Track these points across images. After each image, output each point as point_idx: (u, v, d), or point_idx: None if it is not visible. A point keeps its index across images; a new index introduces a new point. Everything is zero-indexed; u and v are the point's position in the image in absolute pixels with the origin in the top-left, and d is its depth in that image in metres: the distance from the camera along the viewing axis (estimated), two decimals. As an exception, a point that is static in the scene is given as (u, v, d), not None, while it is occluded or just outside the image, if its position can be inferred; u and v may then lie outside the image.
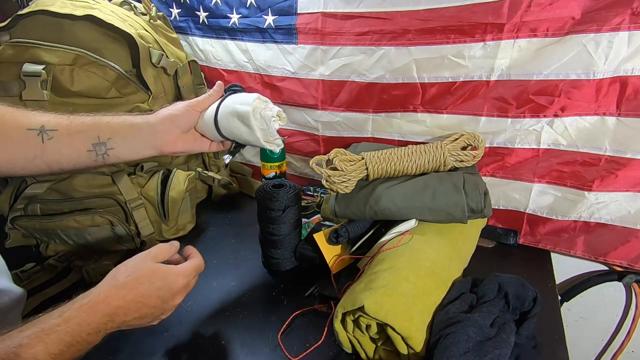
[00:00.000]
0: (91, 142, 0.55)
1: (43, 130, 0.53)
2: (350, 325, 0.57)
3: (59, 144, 0.54)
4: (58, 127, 0.54)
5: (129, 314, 0.46)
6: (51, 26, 0.71)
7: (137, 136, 0.57)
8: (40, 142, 0.53)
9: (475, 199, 0.67)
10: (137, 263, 0.49)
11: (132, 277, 0.47)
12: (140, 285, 0.47)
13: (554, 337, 0.63)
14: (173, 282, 0.51)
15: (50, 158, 0.54)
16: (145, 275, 0.48)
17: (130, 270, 0.48)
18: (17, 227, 0.79)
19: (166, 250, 0.54)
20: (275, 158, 0.95)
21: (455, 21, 0.73)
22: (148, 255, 0.51)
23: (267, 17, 0.89)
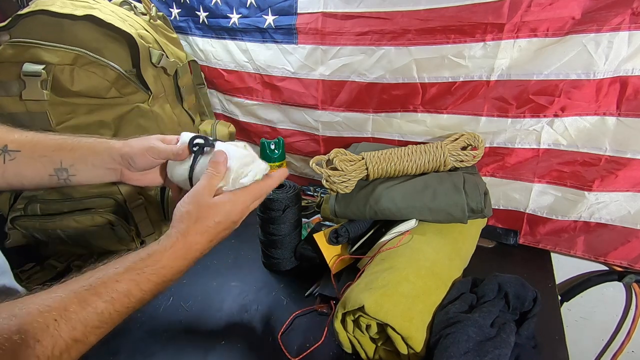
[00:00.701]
0: (53, 167, 0.55)
1: (5, 151, 0.53)
2: (350, 325, 0.57)
3: (20, 166, 0.54)
4: (21, 148, 0.54)
5: (206, 250, 0.51)
6: (51, 26, 0.71)
7: (99, 164, 0.57)
8: (1, 162, 0.53)
9: (475, 199, 0.67)
10: (197, 206, 0.50)
11: (198, 222, 0.50)
12: (207, 227, 0.50)
13: (554, 337, 0.63)
14: (232, 211, 0.52)
15: (12, 178, 0.54)
16: (209, 216, 0.50)
17: (194, 217, 0.49)
18: (17, 227, 0.79)
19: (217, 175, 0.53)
20: (276, 158, 0.95)
21: (455, 21, 0.73)
22: (204, 192, 0.51)
23: (267, 17, 0.89)
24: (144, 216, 0.83)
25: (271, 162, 0.96)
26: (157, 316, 0.68)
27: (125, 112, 0.78)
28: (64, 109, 0.73)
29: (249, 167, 0.55)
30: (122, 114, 0.78)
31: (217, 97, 1.08)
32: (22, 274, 0.75)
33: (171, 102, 0.88)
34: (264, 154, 0.95)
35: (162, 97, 0.84)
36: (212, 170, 0.52)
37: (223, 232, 0.52)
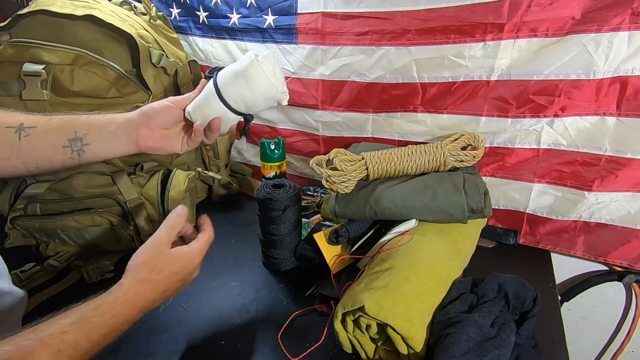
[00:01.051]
0: (67, 137, 0.54)
1: (21, 128, 0.53)
2: (350, 325, 0.57)
3: (35, 141, 0.53)
4: (37, 124, 0.54)
5: (156, 302, 0.50)
6: (51, 26, 0.71)
7: (114, 130, 0.56)
8: (17, 139, 0.53)
9: (475, 199, 0.67)
10: (154, 256, 0.51)
11: (154, 272, 0.50)
12: (162, 278, 0.50)
13: (554, 337, 0.63)
14: (189, 264, 0.53)
15: (26, 156, 0.54)
16: (165, 267, 0.51)
17: (150, 266, 0.50)
18: (17, 227, 0.79)
19: (176, 227, 0.55)
20: (275, 158, 0.95)
21: (455, 21, 0.73)
22: (161, 243, 0.52)
23: (267, 17, 0.89)
24: (144, 216, 0.83)
25: (271, 162, 0.96)
26: (157, 316, 0.68)
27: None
28: (64, 109, 0.73)
29: None
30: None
31: (217, 97, 1.08)
32: (22, 274, 0.75)
33: (171, 102, 0.87)
34: (264, 154, 0.95)
35: (162, 97, 0.84)
36: (172, 221, 0.54)
37: (178, 284, 0.52)
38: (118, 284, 0.48)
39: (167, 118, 0.59)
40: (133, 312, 0.47)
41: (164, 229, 0.53)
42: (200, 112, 0.58)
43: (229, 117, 0.59)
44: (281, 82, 0.58)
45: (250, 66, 0.55)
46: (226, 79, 0.56)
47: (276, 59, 0.58)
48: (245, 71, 0.55)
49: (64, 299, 0.73)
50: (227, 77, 0.56)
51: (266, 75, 0.55)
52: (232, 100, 0.57)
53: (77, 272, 0.78)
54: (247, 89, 0.56)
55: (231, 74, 0.56)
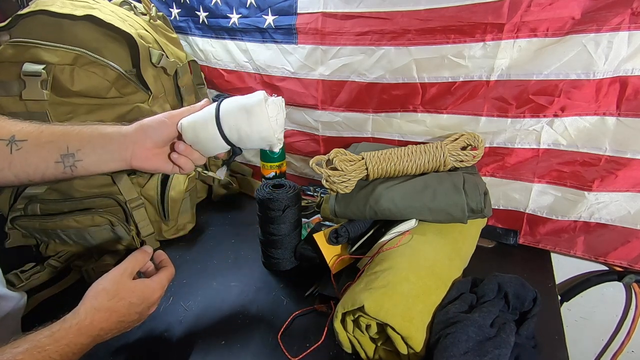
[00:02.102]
0: (59, 152, 0.53)
1: (13, 141, 0.52)
2: (350, 325, 0.57)
3: (27, 154, 0.52)
4: (28, 137, 0.52)
5: (111, 332, 0.51)
6: (51, 26, 0.71)
7: (107, 147, 0.54)
8: (8, 152, 0.52)
9: (475, 199, 0.67)
10: (115, 284, 0.52)
11: (113, 300, 0.50)
12: (121, 307, 0.51)
13: (554, 337, 0.63)
14: (149, 296, 0.54)
15: (18, 169, 0.53)
16: (125, 297, 0.51)
17: (110, 294, 0.50)
18: (17, 227, 0.79)
19: (140, 261, 0.57)
20: (275, 158, 0.95)
21: (455, 21, 0.73)
22: (124, 273, 0.53)
23: (267, 17, 0.89)
24: (144, 216, 0.83)
25: (271, 162, 0.96)
26: (157, 316, 0.68)
27: (125, 112, 0.78)
28: (64, 109, 0.73)
29: None
30: (122, 114, 0.78)
31: (217, 97, 1.08)
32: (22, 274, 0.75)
33: (171, 102, 0.88)
34: (264, 154, 0.95)
35: (162, 97, 0.84)
36: (137, 256, 0.56)
37: (135, 315, 0.53)
38: (74, 312, 0.48)
39: (162, 136, 0.57)
40: (86, 341, 0.47)
41: (128, 261, 0.55)
42: (193, 128, 0.57)
43: (218, 143, 0.58)
44: (280, 130, 0.58)
45: (256, 104, 0.56)
46: (229, 107, 0.57)
47: (283, 107, 0.59)
48: (250, 107, 0.56)
49: (64, 299, 0.73)
50: (230, 106, 0.57)
51: (268, 118, 0.56)
52: (227, 129, 0.56)
53: (77, 272, 0.78)
54: (246, 124, 0.56)
55: (235, 104, 0.57)
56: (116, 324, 0.50)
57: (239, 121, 0.56)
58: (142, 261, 0.57)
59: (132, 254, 0.56)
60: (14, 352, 0.41)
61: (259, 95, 0.56)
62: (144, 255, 0.57)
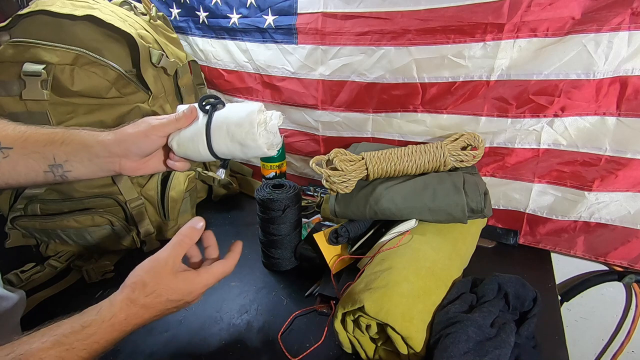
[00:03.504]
0: (47, 163, 0.51)
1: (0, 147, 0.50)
2: (350, 325, 0.57)
3: (15, 164, 0.51)
4: (13, 145, 0.50)
5: (142, 325, 0.48)
6: (51, 26, 0.71)
7: (94, 159, 0.53)
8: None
9: (475, 199, 0.67)
10: (155, 279, 0.48)
11: (151, 296, 0.47)
12: (158, 304, 0.48)
13: (554, 337, 0.63)
14: (190, 293, 0.50)
15: (7, 177, 0.51)
16: (163, 294, 0.48)
17: (148, 289, 0.47)
18: (17, 227, 0.79)
19: (187, 245, 0.52)
20: (275, 158, 0.95)
21: (455, 21, 0.73)
22: (166, 266, 0.49)
23: (267, 17, 0.89)
24: (144, 216, 0.83)
25: (271, 162, 0.96)
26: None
27: (125, 112, 0.78)
28: (64, 109, 0.73)
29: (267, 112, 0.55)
30: (122, 114, 0.78)
31: (217, 97, 1.08)
32: (22, 274, 0.75)
33: (171, 102, 0.88)
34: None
35: (162, 97, 0.84)
36: (185, 239, 0.50)
37: (172, 310, 0.50)
38: (110, 301, 0.45)
39: (145, 149, 0.54)
40: (117, 337, 0.45)
41: (173, 247, 0.50)
42: (184, 150, 0.55)
43: (209, 157, 0.56)
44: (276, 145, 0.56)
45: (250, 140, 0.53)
46: (221, 132, 0.53)
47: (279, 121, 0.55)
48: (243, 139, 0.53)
49: (64, 298, 0.73)
50: (222, 131, 0.53)
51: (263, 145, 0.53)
52: (220, 151, 0.55)
53: (77, 272, 0.78)
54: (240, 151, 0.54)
55: (226, 133, 0.53)
56: (150, 319, 0.48)
57: (231, 147, 0.54)
58: (189, 244, 0.52)
59: (180, 236, 0.51)
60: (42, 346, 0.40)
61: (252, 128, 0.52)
62: (192, 236, 0.51)
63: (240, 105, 0.55)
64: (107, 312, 0.44)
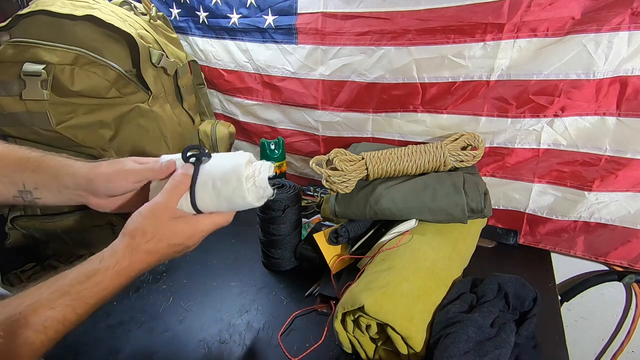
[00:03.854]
0: (16, 188, 0.51)
1: None
2: (350, 325, 0.57)
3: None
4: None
5: (150, 268, 0.48)
6: (51, 26, 0.71)
7: (62, 190, 0.52)
8: None
9: (475, 199, 0.67)
10: (154, 225, 0.47)
11: (152, 241, 0.47)
12: (160, 248, 0.48)
13: (554, 337, 0.63)
14: (190, 237, 0.50)
15: None
16: (164, 239, 0.48)
17: (148, 235, 0.47)
18: (17, 227, 0.79)
19: (182, 190, 0.50)
20: (275, 158, 0.95)
21: (455, 21, 0.73)
22: (165, 211, 0.48)
23: (267, 17, 0.89)
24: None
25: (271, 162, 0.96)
26: (157, 316, 0.68)
27: (125, 112, 0.78)
28: (64, 109, 0.73)
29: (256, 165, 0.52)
30: (122, 113, 0.78)
31: (217, 97, 1.08)
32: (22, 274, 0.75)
33: (171, 102, 0.88)
34: (264, 154, 0.95)
35: (162, 97, 0.84)
36: (179, 185, 0.49)
37: (173, 255, 0.50)
38: (112, 249, 0.46)
39: (112, 190, 0.53)
40: (124, 282, 0.45)
41: (168, 192, 0.49)
42: None
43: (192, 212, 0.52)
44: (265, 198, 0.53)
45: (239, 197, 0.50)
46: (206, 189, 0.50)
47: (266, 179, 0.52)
48: (230, 197, 0.50)
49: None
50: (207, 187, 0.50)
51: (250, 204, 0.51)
52: (205, 209, 0.52)
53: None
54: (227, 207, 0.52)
55: (212, 189, 0.50)
56: (155, 263, 0.48)
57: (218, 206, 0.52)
58: (184, 190, 0.50)
59: (174, 182, 0.49)
60: (50, 297, 0.40)
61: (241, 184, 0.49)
62: (186, 183, 0.50)
63: (226, 156, 0.52)
64: (111, 260, 0.45)
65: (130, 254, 0.46)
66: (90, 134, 0.75)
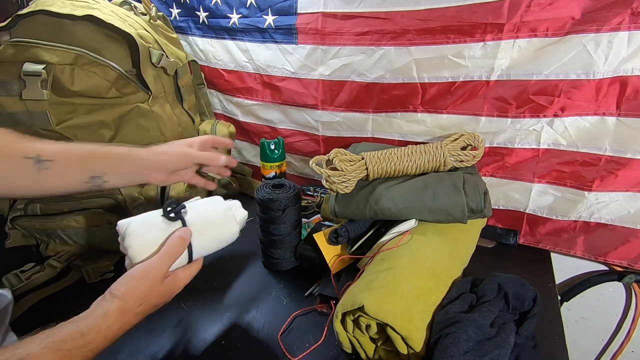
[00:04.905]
0: (88, 174, 0.57)
1: (39, 160, 0.53)
2: (350, 325, 0.57)
3: (55, 174, 0.55)
4: (54, 158, 0.54)
5: None
6: (51, 26, 0.71)
7: (130, 172, 0.61)
8: (36, 171, 0.53)
9: (475, 199, 0.67)
10: (148, 290, 0.50)
11: (143, 305, 0.49)
12: (147, 310, 0.51)
13: (554, 337, 0.63)
14: (172, 294, 0.54)
15: (46, 187, 0.55)
16: (153, 301, 0.51)
17: (140, 299, 0.49)
18: (17, 227, 0.79)
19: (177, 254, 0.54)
20: (275, 158, 0.96)
21: (455, 21, 0.73)
22: (157, 276, 0.51)
23: (267, 17, 0.89)
24: (144, 216, 0.82)
25: (271, 162, 0.96)
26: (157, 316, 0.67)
27: (125, 112, 0.78)
28: (64, 109, 0.73)
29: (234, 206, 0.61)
30: (122, 113, 0.78)
31: (217, 97, 1.08)
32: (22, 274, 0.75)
33: (171, 102, 0.88)
34: (264, 154, 0.95)
35: (162, 97, 0.84)
36: (174, 247, 0.53)
37: (155, 309, 0.52)
38: (104, 311, 0.46)
39: (178, 167, 0.66)
40: (110, 344, 0.47)
41: (165, 257, 0.52)
42: None
43: None
44: None
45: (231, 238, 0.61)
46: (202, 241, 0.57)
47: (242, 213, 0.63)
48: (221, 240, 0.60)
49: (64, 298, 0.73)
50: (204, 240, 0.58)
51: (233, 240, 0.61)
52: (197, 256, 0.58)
53: (77, 272, 0.78)
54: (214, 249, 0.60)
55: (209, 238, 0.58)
56: (136, 323, 0.50)
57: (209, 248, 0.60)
58: (179, 254, 0.53)
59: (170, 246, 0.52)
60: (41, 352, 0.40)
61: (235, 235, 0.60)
62: (182, 246, 0.54)
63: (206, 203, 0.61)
64: (103, 322, 0.46)
65: (122, 317, 0.47)
66: (90, 134, 0.75)
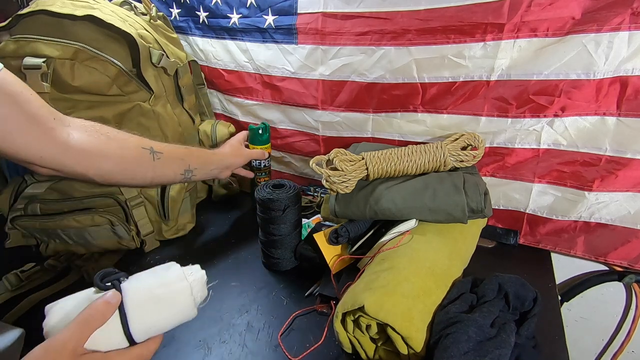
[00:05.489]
0: (184, 168, 0.71)
1: (153, 151, 0.65)
2: (351, 325, 0.57)
3: (164, 165, 0.67)
4: (163, 151, 0.66)
5: None
6: (51, 26, 0.71)
7: (212, 169, 0.79)
8: (152, 159, 0.65)
9: (475, 199, 0.67)
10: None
11: None
12: None
13: (554, 337, 0.63)
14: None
15: (157, 175, 0.66)
16: None
17: None
18: (17, 227, 0.79)
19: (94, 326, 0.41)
20: (263, 141, 0.95)
21: (455, 21, 0.73)
22: (63, 351, 0.38)
23: (267, 17, 0.89)
24: (143, 215, 0.83)
25: (259, 145, 0.95)
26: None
27: (126, 110, 0.78)
28: (65, 104, 0.73)
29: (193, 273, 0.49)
30: (123, 111, 0.78)
31: (217, 97, 1.08)
32: (22, 274, 0.75)
33: (171, 102, 0.88)
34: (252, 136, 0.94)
35: (162, 97, 0.84)
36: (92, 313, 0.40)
37: None
38: None
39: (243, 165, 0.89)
40: None
41: (77, 326, 0.39)
42: None
43: None
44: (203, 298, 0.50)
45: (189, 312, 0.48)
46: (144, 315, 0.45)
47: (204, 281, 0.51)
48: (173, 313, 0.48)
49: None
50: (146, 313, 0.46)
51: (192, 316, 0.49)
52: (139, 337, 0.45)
53: (77, 272, 0.78)
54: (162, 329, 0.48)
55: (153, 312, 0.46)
56: None
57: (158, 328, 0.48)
58: (100, 323, 0.41)
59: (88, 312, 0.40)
60: None
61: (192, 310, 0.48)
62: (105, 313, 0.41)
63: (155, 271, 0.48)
64: None
65: None
66: None
